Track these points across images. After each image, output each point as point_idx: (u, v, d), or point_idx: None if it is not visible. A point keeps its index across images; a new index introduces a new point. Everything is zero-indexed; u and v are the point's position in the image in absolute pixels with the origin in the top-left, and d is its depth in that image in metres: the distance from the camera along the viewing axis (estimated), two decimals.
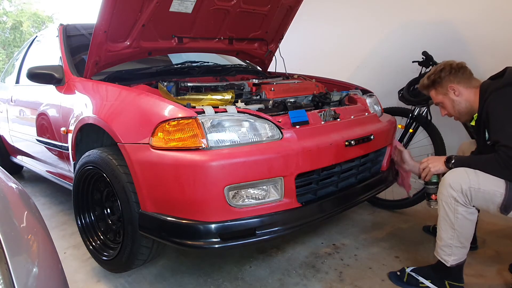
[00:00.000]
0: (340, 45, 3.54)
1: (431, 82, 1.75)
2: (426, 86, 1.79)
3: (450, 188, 1.53)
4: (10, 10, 14.60)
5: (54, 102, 2.32)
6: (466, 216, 1.53)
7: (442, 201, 1.57)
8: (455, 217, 1.54)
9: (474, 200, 1.50)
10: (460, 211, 1.53)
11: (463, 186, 1.50)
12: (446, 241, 1.60)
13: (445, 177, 1.57)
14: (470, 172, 1.53)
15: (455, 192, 1.51)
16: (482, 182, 1.49)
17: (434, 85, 1.75)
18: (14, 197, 0.98)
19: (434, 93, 1.77)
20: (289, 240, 2.16)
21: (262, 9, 2.42)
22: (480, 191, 1.48)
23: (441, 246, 1.62)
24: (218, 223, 1.45)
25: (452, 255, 1.60)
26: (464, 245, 1.59)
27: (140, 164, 1.55)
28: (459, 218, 1.54)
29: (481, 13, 2.60)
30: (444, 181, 1.57)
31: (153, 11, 1.97)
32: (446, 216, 1.57)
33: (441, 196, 1.58)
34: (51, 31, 2.86)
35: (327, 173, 1.72)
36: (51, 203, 3.00)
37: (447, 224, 1.57)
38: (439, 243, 1.63)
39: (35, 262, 0.82)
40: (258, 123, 1.57)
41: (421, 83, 1.83)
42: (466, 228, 1.56)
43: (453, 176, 1.55)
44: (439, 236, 1.63)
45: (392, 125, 2.14)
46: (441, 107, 1.79)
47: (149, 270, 1.92)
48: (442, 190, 1.57)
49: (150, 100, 1.63)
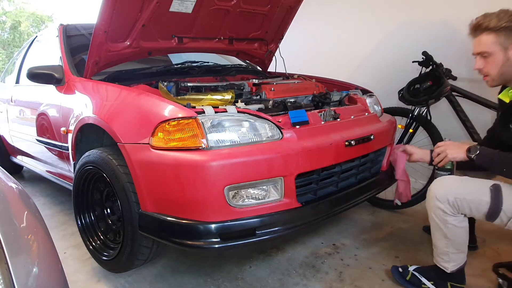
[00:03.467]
0: (340, 45, 3.54)
1: (499, 26, 1.41)
2: (485, 27, 1.45)
3: (436, 200, 1.49)
4: (9, 10, 14.59)
5: (54, 102, 2.31)
6: (456, 225, 1.51)
7: (431, 212, 1.54)
8: (446, 227, 1.52)
9: (461, 209, 1.47)
10: (449, 221, 1.50)
11: (449, 198, 1.46)
12: (442, 249, 1.58)
13: (430, 188, 1.54)
14: (456, 181, 1.50)
15: (442, 204, 1.48)
16: (468, 191, 1.46)
17: (499, 31, 1.42)
18: (14, 197, 0.98)
19: (489, 39, 1.45)
20: (289, 240, 2.16)
21: (262, 9, 2.42)
22: (466, 200, 1.45)
23: (438, 254, 1.61)
24: (218, 223, 1.45)
25: (451, 261, 1.58)
26: (461, 250, 1.58)
27: (140, 164, 1.55)
28: (450, 228, 1.51)
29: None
30: (430, 193, 1.53)
31: (153, 11, 1.97)
32: (437, 226, 1.55)
33: (429, 207, 1.55)
34: (51, 31, 2.86)
35: (327, 173, 1.72)
36: (51, 203, 3.00)
37: (440, 233, 1.55)
38: (436, 251, 1.62)
39: (35, 262, 0.81)
40: (258, 123, 1.56)
41: (479, 21, 1.47)
42: (459, 236, 1.54)
43: (438, 187, 1.51)
44: (434, 244, 1.62)
45: (392, 125, 2.14)
46: (482, 58, 1.49)
47: (149, 270, 1.92)
48: (429, 202, 1.54)
49: (150, 100, 1.63)
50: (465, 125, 2.40)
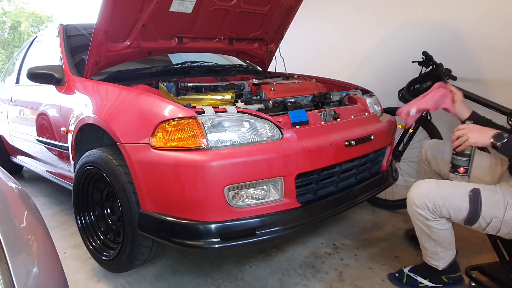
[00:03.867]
0: (340, 45, 3.54)
1: None
2: None
3: (415, 207, 1.50)
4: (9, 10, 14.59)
5: (54, 102, 2.31)
6: (440, 228, 1.52)
7: (413, 218, 1.56)
8: (430, 231, 1.53)
9: (441, 214, 1.47)
10: (432, 226, 1.51)
11: (428, 204, 1.46)
12: (431, 250, 1.60)
13: (409, 193, 1.53)
14: (433, 186, 1.48)
15: (421, 210, 1.49)
16: (446, 197, 1.45)
17: None
18: (14, 197, 0.98)
19: None
20: (289, 240, 2.16)
21: (262, 9, 2.42)
22: (444, 206, 1.45)
23: (427, 254, 1.63)
24: (218, 223, 1.45)
25: (441, 259, 1.61)
26: (449, 248, 1.59)
27: (140, 164, 1.55)
28: (434, 231, 1.53)
29: (481, 13, 2.60)
30: (409, 199, 1.54)
31: (153, 11, 1.97)
32: (421, 230, 1.56)
33: (410, 213, 1.56)
34: (51, 31, 2.86)
35: (327, 173, 1.72)
36: (51, 203, 3.00)
37: (426, 236, 1.57)
38: (425, 252, 1.64)
39: (35, 262, 0.81)
40: (258, 123, 1.56)
41: None
42: (445, 237, 1.55)
43: (416, 192, 1.50)
44: (422, 245, 1.63)
45: (392, 125, 2.14)
46: None
47: (149, 270, 1.92)
48: (409, 208, 1.55)
49: (150, 100, 1.63)
50: None
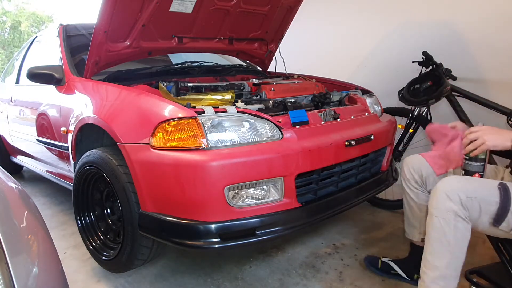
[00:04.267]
0: (340, 45, 3.54)
1: None
2: None
3: (448, 200, 1.24)
4: (9, 10, 14.59)
5: (54, 102, 2.31)
6: (465, 234, 1.25)
7: (437, 218, 1.27)
8: (455, 237, 1.24)
9: (470, 211, 1.24)
10: (460, 228, 1.24)
11: (461, 196, 1.23)
12: (442, 271, 1.27)
13: (438, 186, 1.29)
14: (462, 180, 1.29)
15: (454, 205, 1.23)
16: (477, 189, 1.25)
17: None
18: (14, 197, 0.98)
19: None
20: (289, 240, 2.16)
21: (262, 9, 2.42)
22: (476, 200, 1.23)
23: (435, 278, 1.28)
24: (218, 223, 1.45)
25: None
26: (458, 275, 1.30)
27: (140, 164, 1.55)
28: (459, 238, 1.24)
29: (481, 13, 2.60)
30: (438, 191, 1.28)
31: (153, 11, 1.97)
32: (442, 237, 1.25)
33: (435, 211, 1.28)
34: (51, 31, 2.86)
35: (327, 173, 1.73)
36: (51, 203, 3.00)
37: (444, 247, 1.26)
38: (432, 275, 1.29)
39: (35, 262, 0.81)
40: (258, 123, 1.56)
41: None
42: (463, 251, 1.28)
43: (448, 184, 1.27)
44: (431, 265, 1.30)
45: (392, 125, 2.14)
46: None
47: (149, 270, 1.92)
48: (435, 204, 1.28)
49: (150, 100, 1.63)
50: None
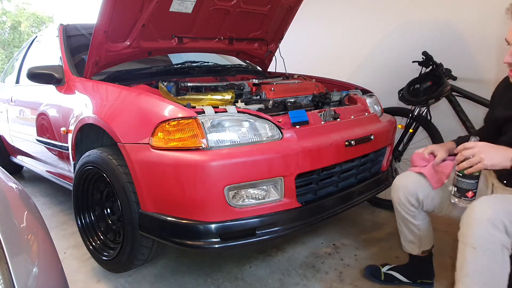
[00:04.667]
0: (340, 45, 3.54)
1: None
2: None
3: (493, 229, 0.99)
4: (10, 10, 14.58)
5: (54, 102, 2.31)
6: (508, 263, 1.03)
7: (479, 250, 1.02)
8: (503, 271, 1.01)
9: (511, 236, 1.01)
10: (507, 262, 1.01)
11: (506, 222, 0.99)
12: None
13: (477, 212, 1.04)
14: (498, 201, 1.06)
15: (501, 234, 0.99)
16: None
17: None
18: (14, 197, 0.98)
19: None
20: (289, 240, 2.16)
21: (262, 9, 2.42)
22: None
23: None
24: (218, 223, 1.45)
25: None
26: None
27: (140, 164, 1.55)
28: (506, 272, 1.01)
29: (481, 13, 2.60)
30: (478, 219, 1.03)
31: (153, 11, 1.97)
32: (486, 272, 1.02)
33: (476, 241, 1.03)
34: (51, 31, 2.86)
35: (327, 173, 1.72)
36: (51, 203, 3.00)
37: (488, 282, 1.04)
38: None
39: (35, 262, 0.81)
40: (258, 123, 1.56)
41: None
42: (506, 284, 1.06)
43: (489, 209, 1.03)
44: None
45: (392, 125, 2.14)
46: None
47: (149, 270, 1.92)
48: (477, 233, 1.03)
49: (150, 100, 1.63)
50: (465, 125, 2.40)
